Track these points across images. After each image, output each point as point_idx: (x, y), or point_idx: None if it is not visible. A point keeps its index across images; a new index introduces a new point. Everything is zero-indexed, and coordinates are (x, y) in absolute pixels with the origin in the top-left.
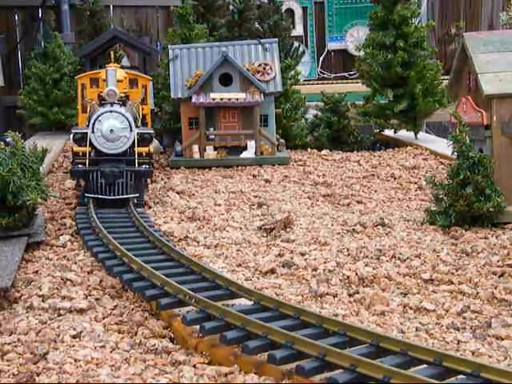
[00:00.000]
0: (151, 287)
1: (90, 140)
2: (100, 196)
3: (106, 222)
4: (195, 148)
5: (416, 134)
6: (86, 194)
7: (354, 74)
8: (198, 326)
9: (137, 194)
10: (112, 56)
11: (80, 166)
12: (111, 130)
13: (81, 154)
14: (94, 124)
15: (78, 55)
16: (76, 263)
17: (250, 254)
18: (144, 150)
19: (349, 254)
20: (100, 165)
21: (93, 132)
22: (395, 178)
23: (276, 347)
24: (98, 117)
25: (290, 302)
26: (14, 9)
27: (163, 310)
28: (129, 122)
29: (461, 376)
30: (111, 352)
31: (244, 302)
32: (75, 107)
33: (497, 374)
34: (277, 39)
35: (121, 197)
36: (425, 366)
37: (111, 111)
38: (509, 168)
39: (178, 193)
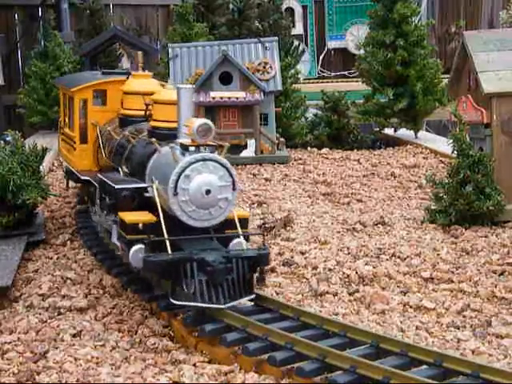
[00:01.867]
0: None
1: (166, 205)
2: (203, 305)
3: None
4: None
5: (416, 133)
6: (175, 301)
7: (354, 72)
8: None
9: (252, 295)
10: (140, 59)
11: (155, 252)
12: (207, 191)
13: (141, 226)
14: (177, 181)
15: (78, 54)
16: (76, 262)
17: None
18: (241, 214)
19: (349, 253)
20: (183, 248)
21: (175, 194)
22: (395, 177)
23: (276, 349)
24: (185, 169)
25: (290, 302)
26: (13, 8)
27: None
28: (231, 175)
29: (461, 377)
30: (111, 351)
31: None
32: None
33: (496, 375)
34: (277, 38)
35: (233, 303)
36: (425, 366)
37: (204, 159)
38: (509, 166)
39: None
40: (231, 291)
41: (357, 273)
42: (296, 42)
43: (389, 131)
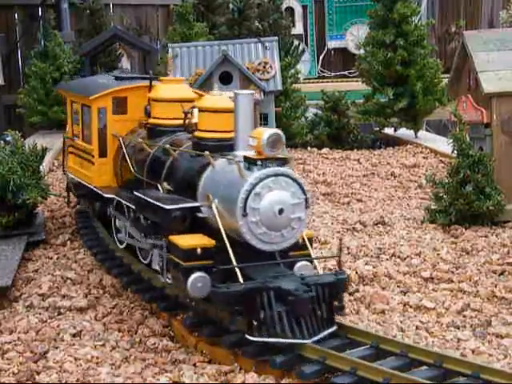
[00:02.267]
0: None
1: (228, 227)
2: (286, 341)
3: None
4: None
5: (416, 133)
6: (252, 338)
7: (354, 72)
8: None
9: (334, 327)
10: (170, 63)
11: (225, 283)
12: (280, 210)
13: (200, 251)
14: (246, 200)
15: (78, 54)
16: (76, 262)
17: None
18: (308, 233)
19: (349, 253)
20: (252, 275)
21: (245, 214)
22: (395, 177)
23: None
24: (255, 186)
25: None
26: (13, 8)
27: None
28: (304, 191)
29: (461, 377)
30: (111, 351)
31: None
32: None
33: (496, 375)
34: (277, 38)
35: (317, 338)
36: (425, 367)
37: (276, 174)
38: (509, 166)
39: None
40: (314, 323)
41: (357, 273)
42: (296, 42)
43: (389, 131)
